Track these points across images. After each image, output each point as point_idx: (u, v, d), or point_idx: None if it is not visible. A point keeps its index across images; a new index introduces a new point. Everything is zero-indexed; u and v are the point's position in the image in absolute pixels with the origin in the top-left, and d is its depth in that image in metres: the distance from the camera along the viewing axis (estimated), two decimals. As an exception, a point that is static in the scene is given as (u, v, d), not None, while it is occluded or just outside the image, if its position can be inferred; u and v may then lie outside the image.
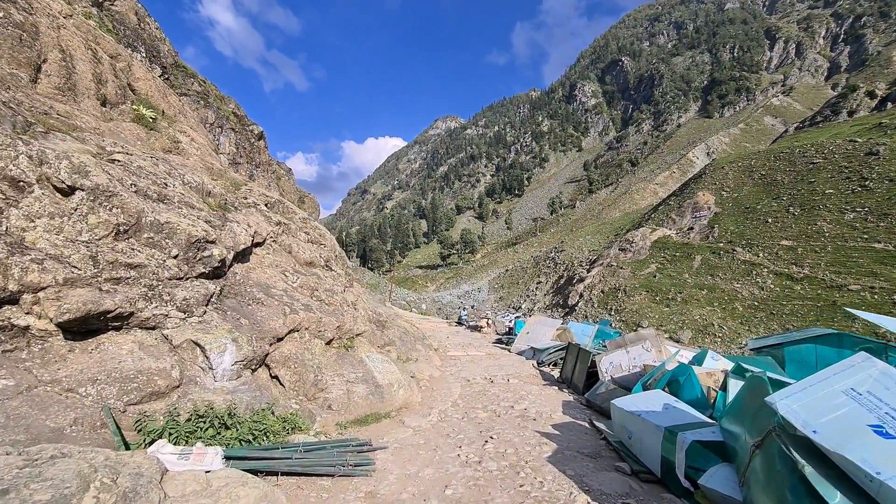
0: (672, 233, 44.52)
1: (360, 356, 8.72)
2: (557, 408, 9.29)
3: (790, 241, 34.66)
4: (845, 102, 71.52)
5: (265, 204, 10.47)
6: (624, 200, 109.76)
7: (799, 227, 35.49)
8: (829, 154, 41.89)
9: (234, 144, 18.46)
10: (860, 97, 70.21)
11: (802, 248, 33.18)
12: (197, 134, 12.03)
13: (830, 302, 27.35)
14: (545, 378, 13.70)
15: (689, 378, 7.49)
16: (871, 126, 47.23)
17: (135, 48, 15.52)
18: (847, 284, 28.05)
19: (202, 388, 5.73)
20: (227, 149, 18.07)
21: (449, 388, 11.26)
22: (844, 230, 32.55)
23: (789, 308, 28.53)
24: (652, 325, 32.09)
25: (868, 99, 69.37)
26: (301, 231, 10.87)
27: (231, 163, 18.34)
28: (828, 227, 33.77)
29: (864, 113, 66.27)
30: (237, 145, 18.68)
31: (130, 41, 15.52)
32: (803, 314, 27.54)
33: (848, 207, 34.27)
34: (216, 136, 17.67)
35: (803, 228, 35.13)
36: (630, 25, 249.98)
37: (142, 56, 15.64)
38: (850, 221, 33.05)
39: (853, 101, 70.30)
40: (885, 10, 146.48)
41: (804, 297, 28.91)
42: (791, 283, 30.71)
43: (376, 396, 8.09)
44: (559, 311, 43.68)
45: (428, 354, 14.08)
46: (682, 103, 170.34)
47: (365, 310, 11.50)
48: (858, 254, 29.95)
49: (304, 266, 9.91)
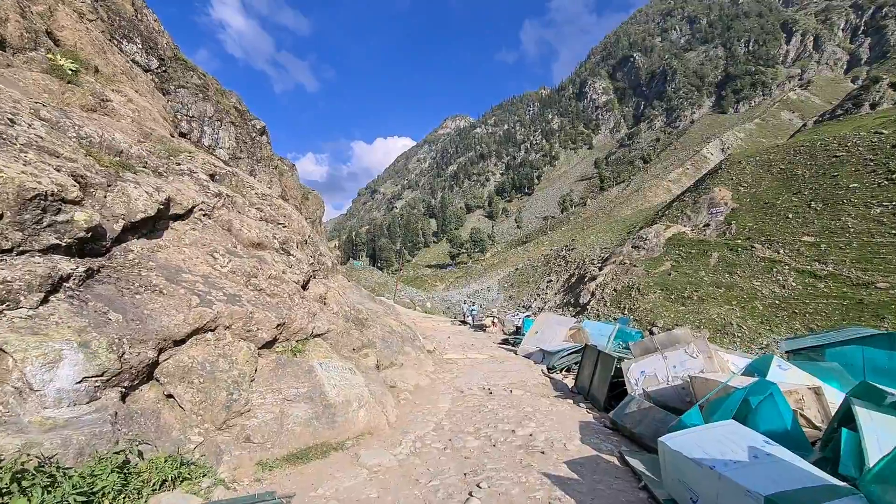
0: (687, 230, 43.27)
1: (309, 364, 6.73)
2: (574, 432, 7.23)
3: (812, 238, 33.32)
4: (867, 95, 69.17)
5: (210, 174, 8.60)
6: (636, 198, 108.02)
7: (822, 223, 34.11)
8: (852, 147, 40.31)
9: (233, 139, 17.94)
10: (883, 89, 67.85)
11: (826, 244, 31.83)
12: (145, 100, 10.16)
13: (857, 300, 26.08)
14: (557, 387, 11.73)
15: (772, 400, 5.35)
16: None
17: (130, 39, 15.07)
18: (874, 282, 26.75)
19: (7, 423, 3.66)
20: (227, 143, 17.55)
21: (436, 401, 9.20)
22: (871, 225, 31.14)
23: (813, 307, 27.30)
24: (667, 324, 31.02)
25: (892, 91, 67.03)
26: (253, 207, 8.93)
27: (231, 157, 17.81)
28: (853, 222, 32.37)
29: (888, 105, 64.04)
30: (237, 140, 18.16)
31: (126, 32, 15.08)
32: (828, 313, 26.31)
33: (874, 202, 32.82)
34: (215, 130, 17.17)
35: (826, 224, 33.75)
36: (642, 21, 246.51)
37: (137, 48, 15.19)
38: (876, 216, 31.62)
39: (875, 94, 67.96)
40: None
41: (828, 296, 27.65)
42: (814, 281, 29.44)
43: (324, 421, 6.13)
44: (570, 309, 42.71)
45: (418, 358, 12.12)
46: (696, 99, 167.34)
47: (340, 305, 9.94)
48: (886, 250, 28.58)
49: (248, 248, 7.86)
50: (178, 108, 16.00)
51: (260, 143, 20.22)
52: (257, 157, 19.09)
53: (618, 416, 7.74)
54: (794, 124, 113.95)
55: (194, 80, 17.66)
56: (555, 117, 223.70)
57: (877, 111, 60.33)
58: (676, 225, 44.79)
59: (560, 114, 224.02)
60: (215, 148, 16.96)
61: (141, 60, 15.30)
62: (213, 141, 16.98)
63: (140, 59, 15.25)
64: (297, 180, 22.80)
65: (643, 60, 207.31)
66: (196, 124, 16.52)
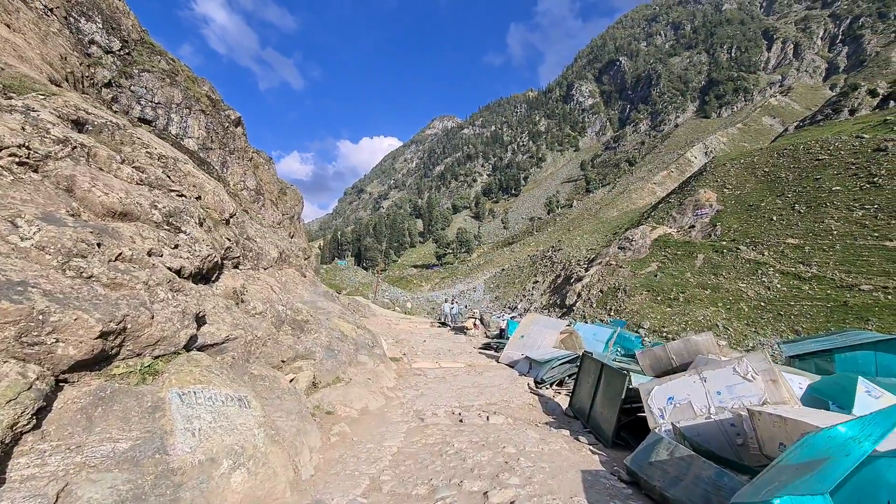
0: (673, 231, 43.24)
1: (158, 397, 4.34)
2: (576, 494, 4.97)
3: (797, 240, 33.40)
4: (846, 101, 70.48)
5: (72, 120, 6.37)
6: (622, 200, 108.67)
7: (805, 225, 34.24)
8: (834, 150, 40.71)
9: (203, 128, 16.92)
10: (861, 96, 69.17)
11: (810, 246, 31.92)
12: (20, 37, 8.03)
13: (841, 302, 26.07)
14: (547, 408, 9.41)
15: None
16: (875, 123, 46.13)
17: (89, 17, 13.99)
18: (858, 284, 26.78)
19: None
20: (196, 132, 16.53)
21: (384, 436, 6.82)
22: (853, 228, 31.30)
23: (798, 308, 27.24)
24: (653, 325, 30.75)
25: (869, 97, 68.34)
26: (129, 166, 6.53)
27: (201, 148, 16.80)
28: (836, 224, 32.53)
29: (866, 112, 65.23)
30: (207, 129, 17.14)
31: (84, 9, 13.99)
32: (813, 315, 26.25)
33: (856, 204, 33.05)
34: (183, 118, 16.14)
35: (810, 226, 33.88)
36: (627, 25, 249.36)
37: (97, 27, 14.11)
38: (859, 219, 31.81)
39: (854, 100, 69.25)
40: (883, 11, 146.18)
41: (813, 298, 27.63)
42: (799, 283, 29.43)
43: (157, 495, 3.60)
44: (556, 311, 42.29)
45: (375, 370, 9.84)
46: (680, 103, 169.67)
47: (269, 303, 8.11)
48: (869, 252, 28.69)
49: (103, 217, 5.48)
50: (142, 92, 14.95)
51: (234, 133, 19.21)
52: (230, 147, 18.09)
53: (638, 463, 5.48)
54: (775, 129, 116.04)
55: (161, 65, 16.59)
56: (542, 119, 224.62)
57: (856, 117, 61.38)
58: (662, 226, 44.74)
59: (547, 116, 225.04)
60: (183, 137, 15.93)
61: (101, 40, 14.23)
62: (180, 129, 15.96)
63: (100, 38, 14.18)
64: (274, 174, 21.83)
65: (629, 64, 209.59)
66: (162, 111, 15.47)
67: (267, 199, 19.62)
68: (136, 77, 14.84)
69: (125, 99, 14.21)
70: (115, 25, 15.26)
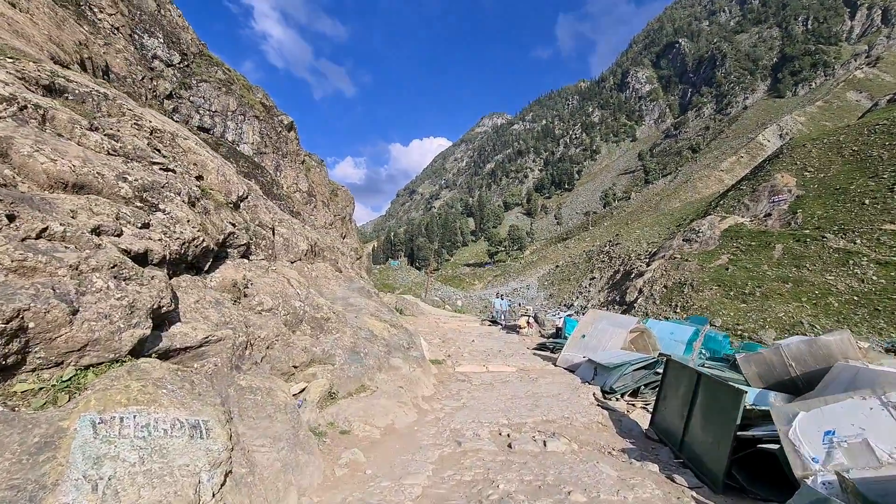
0: (745, 220, 39.82)
1: (61, 426, 2.99)
2: None
3: (895, 226, 29.54)
4: (953, 66, 61.84)
5: (44, 85, 5.66)
6: (685, 189, 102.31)
7: (906, 209, 30.21)
8: (940, 122, 35.66)
9: (258, 133, 17.53)
10: (973, 59, 60.38)
11: (913, 232, 28.09)
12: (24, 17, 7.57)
13: (956, 295, 22.66)
14: (622, 429, 7.47)
15: None
16: None
17: (151, 33, 14.83)
18: (978, 274, 23.16)
19: None
20: (251, 138, 17.15)
21: (405, 467, 5.32)
22: (969, 209, 27.17)
23: (900, 303, 24.01)
24: (726, 323, 28.36)
25: (983, 60, 59.52)
26: (99, 133, 5.64)
27: (256, 152, 17.42)
28: (946, 206, 28.40)
29: (980, 76, 56.84)
30: (262, 134, 17.74)
31: (147, 26, 14.85)
32: (920, 310, 23.03)
33: (972, 182, 28.67)
34: (238, 124, 16.80)
35: (912, 209, 29.85)
36: (686, 5, 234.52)
37: (158, 41, 14.94)
38: (975, 199, 27.57)
39: (963, 64, 60.60)
40: None
41: (919, 290, 24.25)
42: (900, 274, 25.97)
43: None
44: (615, 308, 40.30)
45: (410, 376, 8.58)
46: (749, 83, 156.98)
47: (282, 299, 7.08)
48: None
49: (47, 188, 4.43)
50: (200, 102, 15.66)
51: (287, 138, 19.77)
52: (283, 151, 18.62)
53: None
54: (862, 105, 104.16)
55: (218, 75, 17.33)
56: (595, 110, 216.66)
57: (966, 83, 53.65)
58: (733, 216, 41.36)
59: (601, 106, 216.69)
60: (238, 142, 16.56)
61: (162, 55, 15.03)
62: (236, 136, 16.60)
63: (161, 52, 14.98)
64: (325, 176, 22.31)
65: (689, 46, 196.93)
66: (219, 119, 16.15)
67: (319, 200, 20.02)
68: (195, 87, 15.56)
69: (185, 109, 14.93)
70: (175, 39, 16.11)
